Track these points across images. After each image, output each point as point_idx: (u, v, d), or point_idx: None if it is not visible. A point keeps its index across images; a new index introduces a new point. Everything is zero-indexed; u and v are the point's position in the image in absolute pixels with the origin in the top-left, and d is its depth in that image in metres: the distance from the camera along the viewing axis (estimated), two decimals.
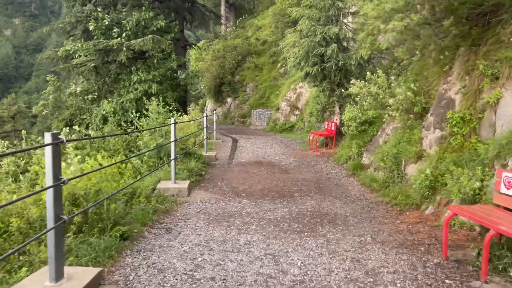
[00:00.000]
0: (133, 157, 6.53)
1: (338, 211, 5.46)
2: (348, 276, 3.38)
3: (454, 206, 3.62)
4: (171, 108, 13.47)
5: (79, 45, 14.36)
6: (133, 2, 15.95)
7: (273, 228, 4.70)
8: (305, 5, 11.16)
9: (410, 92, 6.59)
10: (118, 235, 3.93)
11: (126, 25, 14.06)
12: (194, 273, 3.45)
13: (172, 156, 6.26)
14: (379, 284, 3.24)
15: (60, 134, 2.68)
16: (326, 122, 11.89)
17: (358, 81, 8.62)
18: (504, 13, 4.85)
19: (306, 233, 4.53)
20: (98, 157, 4.98)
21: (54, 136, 2.63)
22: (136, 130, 8.39)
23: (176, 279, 3.34)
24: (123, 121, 14.04)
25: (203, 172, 8.03)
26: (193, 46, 23.08)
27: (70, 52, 14.94)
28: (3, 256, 2.38)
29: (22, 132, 13.64)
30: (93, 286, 2.97)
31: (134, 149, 7.99)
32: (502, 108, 4.54)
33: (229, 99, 25.13)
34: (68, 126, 15.79)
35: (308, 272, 3.48)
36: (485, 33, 5.14)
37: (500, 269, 3.30)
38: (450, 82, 5.67)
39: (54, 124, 15.77)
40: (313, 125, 14.48)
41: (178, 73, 16.24)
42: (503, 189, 3.69)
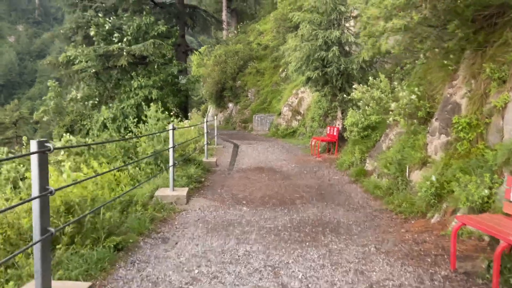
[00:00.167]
0: (128, 164, 6.39)
1: (340, 219, 5.30)
2: None
3: (463, 216, 3.45)
4: (172, 113, 13.39)
5: (80, 51, 14.30)
6: (134, 8, 15.94)
7: (273, 238, 4.54)
8: (307, 9, 11.06)
9: (414, 96, 6.44)
10: (112, 245, 3.78)
11: (127, 30, 14.01)
12: (190, 287, 3.30)
13: (171, 162, 6.12)
14: None
15: (47, 141, 2.55)
16: (328, 127, 11.74)
17: (360, 86, 8.48)
18: (511, 15, 4.70)
19: (307, 243, 4.36)
20: (94, 164, 4.84)
21: (41, 144, 2.50)
22: (132, 137, 8.26)
23: None
24: (124, 127, 13.93)
25: (203, 179, 7.88)
26: (195, 51, 23.02)
27: (71, 58, 14.89)
28: None
29: (23, 138, 13.58)
30: None
31: (132, 155, 7.86)
32: (510, 112, 4.38)
33: (230, 104, 25.03)
34: (69, 132, 15.73)
35: (310, 285, 3.32)
36: (492, 36, 5.00)
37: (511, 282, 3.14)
38: (455, 86, 5.52)
39: (55, 130, 15.69)
40: (315, 130, 14.33)
41: (179, 79, 16.14)
42: None
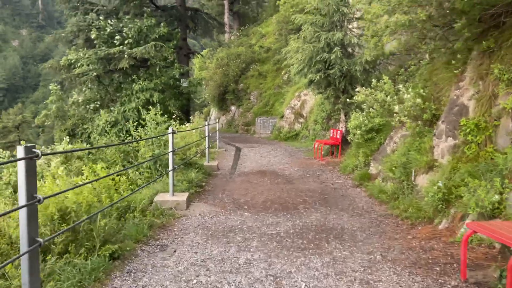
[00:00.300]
0: (125, 170, 6.25)
1: (345, 225, 5.14)
2: None
3: (473, 223, 3.30)
4: (174, 116, 13.26)
5: (81, 54, 14.23)
6: (135, 11, 15.88)
7: (275, 245, 4.39)
8: (309, 11, 10.94)
9: (419, 98, 6.29)
10: (108, 254, 3.64)
11: (128, 33, 13.94)
12: None
13: (170, 167, 5.98)
14: None
15: (34, 147, 2.42)
16: (331, 130, 11.58)
17: (364, 88, 8.33)
18: None
19: (310, 251, 4.21)
20: (86, 170, 4.71)
21: (28, 150, 2.37)
22: (129, 141, 8.14)
23: None
24: (125, 131, 13.82)
25: (204, 183, 7.74)
26: (196, 54, 22.95)
27: (72, 62, 14.83)
28: None
29: (22, 143, 13.53)
30: None
31: (133, 160, 7.73)
32: None
33: (233, 107, 24.92)
34: (70, 136, 15.65)
35: None
36: (500, 35, 4.84)
37: None
38: (462, 87, 5.36)
39: (56, 134, 15.61)
40: (318, 133, 14.17)
41: (181, 82, 16.05)
42: None
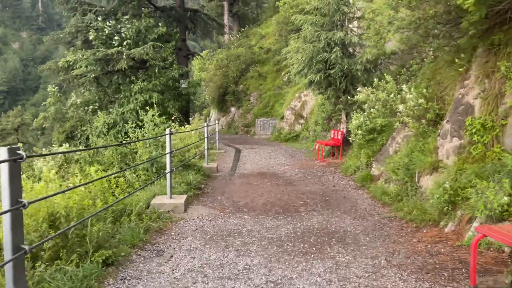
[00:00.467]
0: (119, 172, 6.09)
1: (347, 228, 4.99)
2: None
3: (483, 226, 3.14)
4: (173, 118, 13.11)
5: (79, 55, 14.09)
6: (134, 11, 15.75)
7: (276, 249, 4.24)
8: (308, 11, 10.81)
9: (422, 98, 6.14)
10: (101, 260, 3.49)
11: (126, 33, 13.80)
12: None
13: (168, 169, 5.83)
14: None
15: (19, 148, 2.28)
16: (332, 131, 11.43)
17: (365, 88, 8.19)
18: None
19: (312, 255, 4.05)
20: (78, 174, 4.56)
21: (11, 152, 2.23)
22: (124, 142, 7.99)
23: None
24: (124, 132, 13.67)
25: (203, 185, 7.59)
26: (196, 55, 22.82)
27: (70, 63, 14.68)
28: None
29: (19, 145, 13.37)
30: None
31: (130, 162, 7.58)
32: None
33: (232, 109, 24.79)
34: (69, 138, 15.49)
35: None
36: (506, 32, 4.70)
37: None
38: (467, 86, 5.21)
39: (55, 136, 15.46)
40: (319, 134, 14.02)
41: (180, 83, 15.90)
42: None
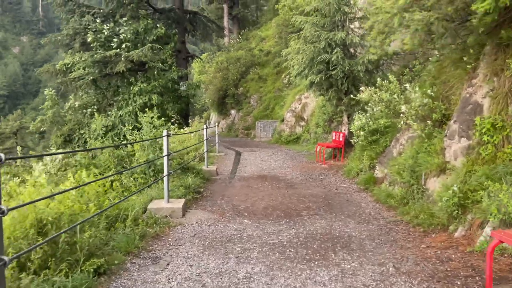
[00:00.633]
0: (113, 175, 5.89)
1: (352, 233, 4.78)
2: None
3: (499, 232, 2.95)
4: (172, 120, 12.93)
5: (77, 58, 13.94)
6: (132, 13, 15.61)
7: (277, 256, 4.03)
8: (308, 12, 10.65)
9: (427, 98, 5.95)
10: (92, 269, 3.29)
11: (125, 35, 13.66)
12: None
13: (165, 172, 5.63)
14: None
15: None
16: (334, 133, 11.24)
17: (368, 88, 8.01)
18: None
19: (316, 262, 3.85)
20: (70, 178, 4.37)
21: None
22: (119, 144, 7.79)
23: None
24: (122, 135, 13.49)
25: (202, 189, 7.39)
26: (195, 57, 22.69)
27: (68, 66, 14.53)
28: None
29: (18, 149, 13.20)
30: None
31: (127, 165, 7.39)
32: None
33: (233, 111, 24.62)
34: (67, 142, 15.31)
35: None
36: None
37: None
38: (475, 84, 5.02)
39: (52, 140, 15.29)
40: (320, 136, 13.83)
41: (180, 85, 15.75)
42: None
